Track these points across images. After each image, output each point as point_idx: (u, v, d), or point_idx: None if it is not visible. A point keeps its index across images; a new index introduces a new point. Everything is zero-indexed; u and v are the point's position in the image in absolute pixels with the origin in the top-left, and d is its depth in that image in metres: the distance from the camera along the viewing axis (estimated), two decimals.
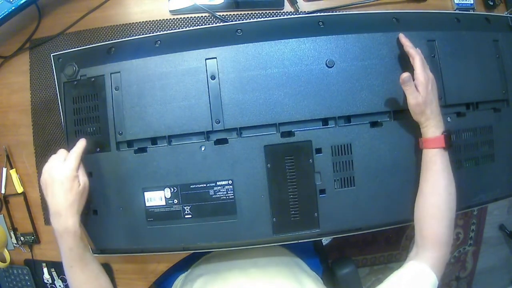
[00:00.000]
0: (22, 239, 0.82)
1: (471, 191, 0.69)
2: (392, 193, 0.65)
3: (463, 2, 0.81)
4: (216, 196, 0.64)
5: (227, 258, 0.74)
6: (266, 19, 0.75)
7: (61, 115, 0.69)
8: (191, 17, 0.77)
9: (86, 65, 0.67)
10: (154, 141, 0.65)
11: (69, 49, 0.71)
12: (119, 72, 0.65)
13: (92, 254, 0.63)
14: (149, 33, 0.72)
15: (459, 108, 0.69)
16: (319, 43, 0.65)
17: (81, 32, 0.78)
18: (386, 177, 0.64)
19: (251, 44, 0.64)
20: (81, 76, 0.67)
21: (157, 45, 0.66)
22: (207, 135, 0.64)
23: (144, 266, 0.78)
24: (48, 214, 0.80)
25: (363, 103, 0.64)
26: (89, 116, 0.67)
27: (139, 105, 0.65)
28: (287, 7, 0.78)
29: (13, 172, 0.79)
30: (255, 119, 0.63)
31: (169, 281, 0.81)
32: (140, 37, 0.69)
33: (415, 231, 0.61)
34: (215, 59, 0.64)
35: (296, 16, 0.77)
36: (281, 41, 0.64)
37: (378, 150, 0.64)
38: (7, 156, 0.80)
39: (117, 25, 0.78)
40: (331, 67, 0.64)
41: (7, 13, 0.71)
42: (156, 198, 0.65)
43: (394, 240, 1.58)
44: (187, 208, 0.64)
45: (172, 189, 0.64)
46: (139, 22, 0.77)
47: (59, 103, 0.69)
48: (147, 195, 0.65)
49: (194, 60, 0.64)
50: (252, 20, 0.75)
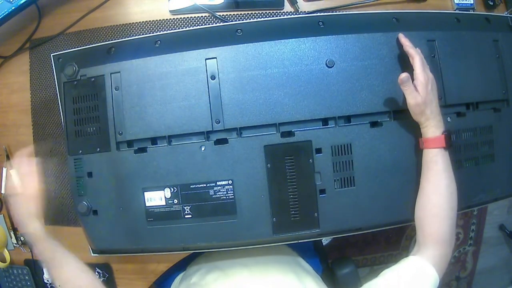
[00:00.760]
0: (22, 239, 0.82)
1: (471, 191, 0.69)
2: (392, 193, 0.65)
3: (463, 2, 0.81)
4: (216, 196, 0.64)
5: (225, 255, 0.74)
6: (266, 19, 0.75)
7: (61, 115, 0.69)
8: (191, 17, 0.77)
9: (86, 65, 0.67)
10: (154, 141, 0.65)
11: (69, 49, 0.71)
12: (119, 72, 0.65)
13: (67, 254, 0.61)
14: (149, 33, 0.72)
15: (459, 108, 0.69)
16: (319, 43, 0.65)
17: (81, 32, 0.78)
18: (386, 177, 0.64)
19: (251, 44, 0.64)
20: (81, 76, 0.67)
21: (157, 45, 0.66)
22: (207, 135, 0.64)
23: (144, 266, 0.78)
24: (48, 214, 0.80)
25: (363, 103, 0.64)
26: (89, 116, 0.67)
27: (139, 105, 0.65)
28: (287, 7, 0.78)
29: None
30: (255, 119, 0.63)
31: (168, 281, 0.81)
32: (140, 37, 0.69)
33: (417, 231, 0.61)
34: (215, 59, 0.64)
35: (296, 16, 0.77)
36: (281, 41, 0.64)
37: (378, 150, 0.64)
38: (7, 156, 0.80)
39: (117, 25, 0.78)
40: (331, 67, 0.64)
41: (7, 13, 0.71)
42: (156, 198, 0.65)
43: (394, 240, 1.58)
44: (187, 208, 0.64)
45: (172, 189, 0.64)
46: (139, 22, 0.77)
47: (59, 103, 0.70)
48: (147, 195, 0.65)
49: (194, 60, 0.64)
50: (252, 20, 0.75)
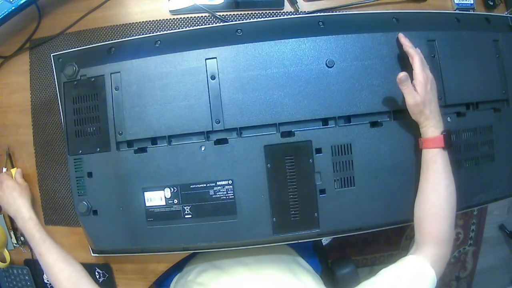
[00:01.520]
0: (22, 239, 0.82)
1: (471, 191, 0.69)
2: (392, 193, 0.65)
3: (463, 2, 0.81)
4: (216, 196, 0.64)
5: (224, 254, 0.74)
6: (266, 19, 0.75)
7: (61, 115, 0.69)
8: (191, 17, 0.77)
9: (86, 65, 0.67)
10: (154, 141, 0.65)
11: (69, 49, 0.71)
12: (119, 72, 0.65)
13: (54, 241, 0.69)
14: (149, 33, 0.72)
15: (459, 108, 0.69)
16: (319, 43, 0.65)
17: (81, 32, 0.78)
18: (386, 177, 0.64)
19: (251, 44, 0.64)
20: (81, 76, 0.67)
21: (157, 45, 0.66)
22: (207, 135, 0.64)
23: (144, 266, 0.78)
24: (48, 214, 0.80)
25: (363, 103, 0.64)
26: (89, 116, 0.67)
27: (139, 105, 0.65)
28: (287, 7, 0.78)
29: (13, 170, 0.79)
30: (255, 119, 0.63)
31: (168, 281, 0.82)
32: (140, 37, 0.69)
33: (415, 230, 0.61)
34: (215, 59, 0.64)
35: (296, 16, 0.77)
36: (281, 41, 0.64)
37: (378, 150, 0.64)
38: (9, 155, 0.80)
39: (117, 25, 0.77)
40: (331, 67, 0.64)
41: (7, 13, 0.71)
42: (156, 198, 0.65)
43: (394, 240, 1.58)
44: (187, 208, 0.64)
45: (172, 189, 0.64)
46: (139, 22, 0.77)
47: (59, 103, 0.70)
48: (147, 195, 0.65)
49: (194, 60, 0.64)
50: (252, 20, 0.75)
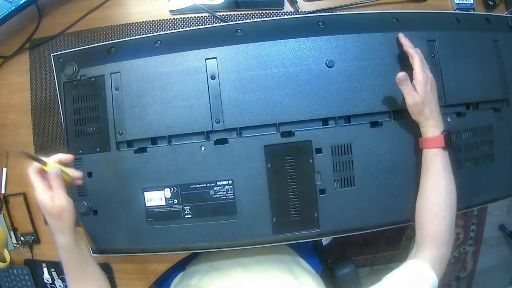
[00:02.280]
0: (22, 239, 0.82)
1: (471, 191, 0.69)
2: (392, 193, 0.65)
3: (463, 2, 0.81)
4: (216, 196, 0.64)
5: (225, 255, 0.74)
6: (266, 19, 0.75)
7: (61, 115, 0.69)
8: (191, 17, 0.77)
9: (86, 65, 0.67)
10: (154, 141, 0.65)
11: (69, 49, 0.71)
12: (119, 72, 0.65)
13: (94, 262, 0.61)
14: (149, 33, 0.72)
15: (459, 108, 0.69)
16: (319, 43, 0.65)
17: (81, 32, 0.78)
18: (386, 177, 0.64)
19: (251, 44, 0.64)
20: (81, 76, 0.67)
21: (157, 45, 0.66)
22: (207, 135, 0.64)
23: (144, 266, 0.78)
24: None
25: (363, 103, 0.64)
26: (89, 116, 0.67)
27: (139, 105, 0.65)
28: (287, 7, 0.78)
29: (55, 165, 0.77)
30: (255, 119, 0.63)
31: (168, 281, 0.81)
32: (140, 37, 0.69)
33: (416, 230, 0.61)
34: (215, 59, 0.64)
35: (296, 16, 0.77)
36: (281, 41, 0.64)
37: (378, 150, 0.64)
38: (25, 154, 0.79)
39: (117, 25, 0.77)
40: (331, 67, 0.64)
41: (7, 13, 0.71)
42: (156, 198, 0.65)
43: (394, 240, 1.58)
44: (187, 208, 0.64)
45: (172, 189, 0.64)
46: (139, 22, 0.77)
47: (59, 103, 0.70)
48: (147, 195, 0.65)
49: (194, 60, 0.64)
50: (252, 20, 0.75)
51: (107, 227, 0.67)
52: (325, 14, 0.74)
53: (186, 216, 0.64)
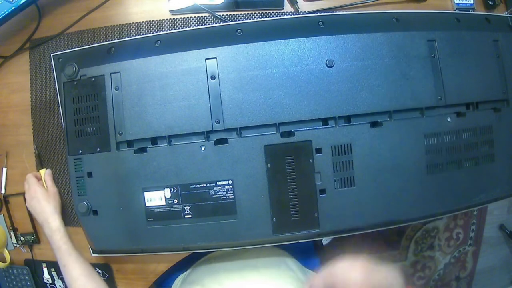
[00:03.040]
0: (22, 239, 0.82)
1: (471, 191, 0.69)
2: (392, 193, 0.65)
3: (463, 2, 0.81)
4: (216, 196, 0.64)
5: (228, 258, 0.74)
6: (266, 19, 0.75)
7: (61, 115, 0.69)
8: (191, 17, 0.77)
9: (86, 65, 0.67)
10: (154, 141, 0.65)
11: (69, 49, 0.71)
12: (119, 72, 0.65)
13: (80, 254, 0.69)
14: (149, 33, 0.72)
15: (459, 108, 0.69)
16: (319, 43, 0.65)
17: (81, 32, 0.78)
18: (386, 177, 0.64)
19: (251, 44, 0.64)
20: (81, 76, 0.67)
21: (157, 45, 0.66)
22: (207, 135, 0.64)
23: (144, 266, 0.78)
24: None
25: (363, 103, 0.64)
26: (89, 116, 0.67)
27: (139, 105, 0.65)
28: (287, 7, 0.78)
29: (42, 171, 0.78)
30: (255, 119, 0.63)
31: (169, 281, 0.81)
32: (140, 37, 0.69)
33: None
34: (215, 59, 0.64)
35: (296, 16, 0.77)
36: (281, 41, 0.64)
37: (378, 150, 0.64)
38: (38, 155, 0.79)
39: (117, 25, 0.77)
40: (331, 67, 0.64)
41: (7, 13, 0.71)
42: (156, 198, 0.65)
43: (394, 240, 1.58)
44: (187, 208, 0.64)
45: (172, 189, 0.64)
46: (139, 22, 0.77)
47: (59, 103, 0.70)
48: (147, 195, 0.65)
49: (194, 60, 0.64)
50: (252, 20, 0.75)
51: (107, 227, 0.67)
52: (325, 14, 0.74)
53: (186, 216, 0.64)
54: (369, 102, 0.64)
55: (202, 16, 0.77)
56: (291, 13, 0.78)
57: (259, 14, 0.77)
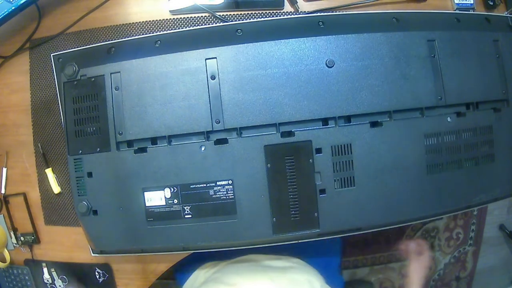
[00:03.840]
0: (22, 239, 0.82)
1: (471, 191, 0.69)
2: (392, 193, 0.65)
3: (463, 2, 0.81)
4: (216, 196, 0.64)
5: (250, 263, 0.73)
6: (266, 19, 0.75)
7: (61, 115, 0.69)
8: (191, 17, 0.77)
9: (86, 65, 0.67)
10: (154, 141, 0.65)
11: (69, 49, 0.71)
12: (119, 72, 0.65)
13: None
14: (149, 33, 0.72)
15: (459, 108, 0.69)
16: (319, 43, 0.65)
17: (81, 32, 0.78)
18: (386, 177, 0.64)
19: (251, 44, 0.64)
20: (81, 76, 0.67)
21: (157, 45, 0.66)
22: (207, 135, 0.64)
23: (144, 266, 0.78)
24: (48, 214, 0.80)
25: (363, 103, 0.64)
26: (89, 116, 0.67)
27: (139, 105, 0.65)
28: (287, 7, 0.78)
29: (49, 171, 0.78)
30: (255, 119, 0.63)
31: (186, 273, 0.81)
32: (140, 37, 0.69)
33: None
34: (215, 59, 0.64)
35: (296, 16, 0.76)
36: (281, 41, 0.64)
37: (378, 150, 0.64)
38: (43, 155, 0.79)
39: (117, 25, 0.77)
40: (331, 67, 0.64)
41: (7, 13, 0.71)
42: (156, 198, 0.65)
43: (394, 240, 1.58)
44: (187, 208, 0.64)
45: (172, 189, 0.64)
46: (139, 22, 0.77)
47: (59, 103, 0.70)
48: (147, 195, 0.65)
49: (194, 60, 0.64)
50: (252, 20, 0.75)
51: (107, 227, 0.67)
52: (325, 14, 0.74)
53: (186, 216, 0.64)
54: (369, 102, 0.64)
55: (202, 16, 0.77)
56: (291, 13, 0.78)
57: (259, 14, 0.77)
